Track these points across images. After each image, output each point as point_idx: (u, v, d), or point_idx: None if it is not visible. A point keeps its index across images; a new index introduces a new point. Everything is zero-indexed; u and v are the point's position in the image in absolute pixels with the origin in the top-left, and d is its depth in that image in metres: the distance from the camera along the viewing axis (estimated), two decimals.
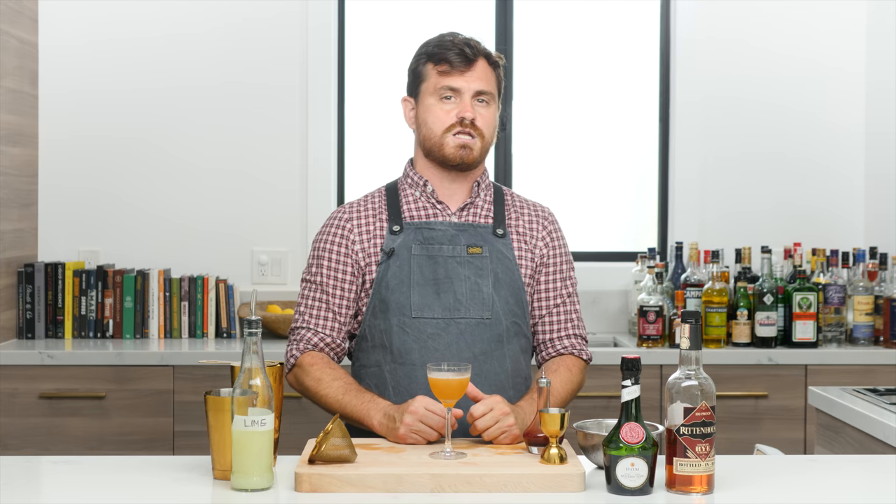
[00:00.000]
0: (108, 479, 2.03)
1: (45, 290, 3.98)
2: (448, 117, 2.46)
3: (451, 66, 2.46)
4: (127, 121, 4.25)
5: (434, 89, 2.47)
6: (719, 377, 3.44)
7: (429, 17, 4.43)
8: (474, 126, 2.45)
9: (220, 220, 4.26)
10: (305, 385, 2.44)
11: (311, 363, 2.45)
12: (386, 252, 2.47)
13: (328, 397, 2.39)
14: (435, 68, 2.47)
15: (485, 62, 2.49)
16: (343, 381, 2.41)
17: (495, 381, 2.43)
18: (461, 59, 2.45)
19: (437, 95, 2.47)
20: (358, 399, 2.35)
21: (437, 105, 2.47)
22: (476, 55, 2.47)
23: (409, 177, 2.55)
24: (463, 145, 2.46)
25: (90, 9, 4.23)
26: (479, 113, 2.46)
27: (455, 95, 2.46)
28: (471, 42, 2.49)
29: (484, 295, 2.45)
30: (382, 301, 2.45)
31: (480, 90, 2.47)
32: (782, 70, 4.37)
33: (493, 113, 2.50)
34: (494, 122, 2.51)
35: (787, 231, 4.32)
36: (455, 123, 2.45)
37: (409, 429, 2.19)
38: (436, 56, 2.48)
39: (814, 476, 2.10)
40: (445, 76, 2.46)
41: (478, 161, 2.50)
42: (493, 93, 2.49)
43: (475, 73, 2.47)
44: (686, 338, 1.92)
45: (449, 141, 2.46)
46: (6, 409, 3.63)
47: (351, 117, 4.41)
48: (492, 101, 2.49)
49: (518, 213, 2.56)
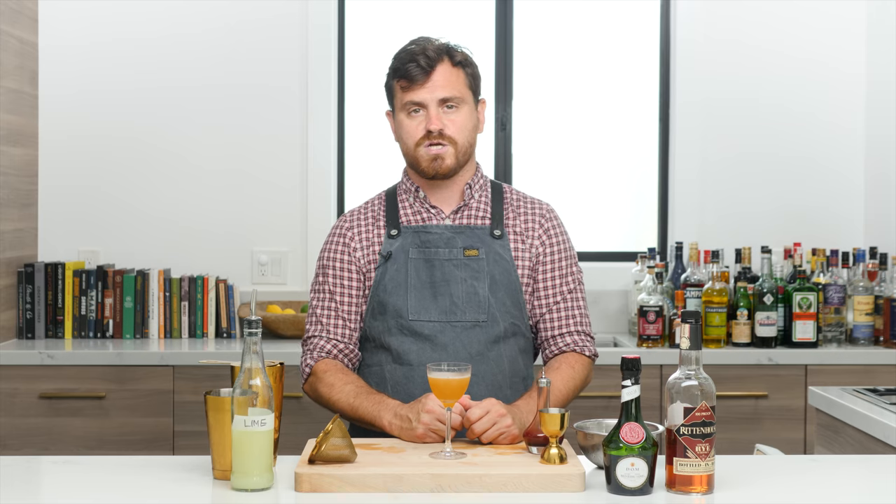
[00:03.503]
0: (108, 479, 2.03)
1: (45, 290, 3.98)
2: (417, 131, 2.46)
3: (410, 80, 2.44)
4: (127, 121, 4.25)
5: (401, 105, 2.48)
6: (719, 377, 3.43)
7: (429, 18, 4.43)
8: (443, 135, 2.44)
9: (220, 220, 4.26)
10: (319, 392, 2.46)
11: (324, 370, 2.46)
12: (383, 255, 2.49)
13: (340, 401, 2.40)
14: (398, 84, 2.47)
15: (447, 65, 2.45)
16: (354, 384, 2.41)
17: (492, 381, 2.44)
18: (419, 70, 2.43)
19: (405, 111, 2.47)
20: (368, 401, 2.36)
21: (406, 120, 2.47)
22: (433, 63, 2.43)
23: (404, 183, 2.58)
24: (434, 157, 2.45)
25: (90, 9, 4.23)
26: (448, 120, 2.45)
27: (421, 107, 2.45)
28: (427, 50, 2.44)
29: (480, 297, 2.45)
30: (380, 304, 2.47)
31: (443, 97, 2.44)
32: (782, 70, 4.36)
33: (464, 116, 2.47)
34: (469, 124, 2.48)
35: (787, 231, 4.32)
36: (424, 136, 2.45)
37: (428, 427, 2.19)
38: (398, 71, 2.47)
39: (814, 476, 2.10)
40: (407, 91, 2.45)
41: (454, 168, 2.48)
42: (460, 96, 2.46)
43: (435, 81, 2.44)
44: (686, 338, 1.92)
45: (422, 154, 2.46)
46: (6, 409, 3.63)
47: (351, 117, 4.41)
48: (461, 104, 2.46)
49: (516, 212, 2.56)
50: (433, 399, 2.20)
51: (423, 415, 2.20)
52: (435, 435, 2.20)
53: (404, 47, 2.50)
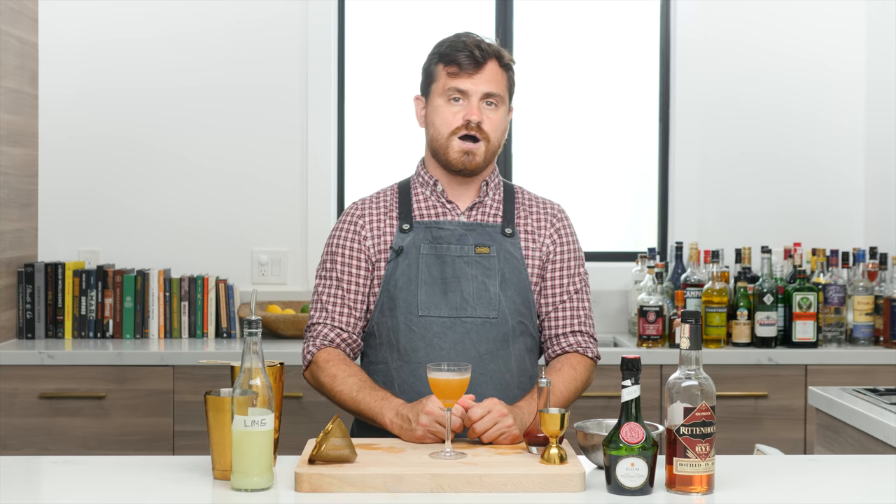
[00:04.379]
0: (108, 479, 2.03)
1: (45, 290, 3.98)
2: (455, 119, 2.46)
3: (461, 67, 2.45)
4: (127, 121, 4.25)
5: (443, 90, 2.47)
6: (719, 377, 3.44)
7: (429, 18, 4.43)
8: (480, 129, 2.45)
9: (220, 220, 4.26)
10: (321, 381, 2.45)
11: (326, 359, 2.45)
12: (395, 250, 2.48)
13: (342, 394, 2.40)
14: (445, 69, 2.47)
15: (495, 64, 2.48)
16: (358, 377, 2.41)
17: (500, 380, 2.44)
18: (470, 60, 2.45)
19: (446, 97, 2.47)
20: (371, 397, 2.35)
21: (444, 106, 2.47)
22: (486, 57, 2.46)
23: (421, 176, 2.56)
24: (467, 151, 2.46)
25: (90, 9, 4.23)
26: (486, 116, 2.46)
27: (463, 97, 2.46)
28: (482, 44, 2.47)
29: (490, 295, 2.45)
30: (390, 299, 2.46)
31: (489, 92, 2.46)
32: (782, 70, 4.37)
33: (501, 116, 2.49)
34: (503, 125, 2.50)
35: (787, 231, 4.32)
36: (461, 126, 2.45)
37: (427, 429, 2.20)
38: (446, 57, 2.47)
39: (814, 476, 2.10)
40: (454, 78, 2.46)
41: (482, 166, 2.49)
42: (502, 95, 2.48)
43: (484, 75, 2.46)
44: (686, 338, 1.92)
45: (454, 145, 2.46)
46: (6, 409, 3.63)
47: (351, 117, 4.40)
48: (501, 104, 2.49)
49: (527, 212, 2.56)
50: (434, 401, 2.20)
51: (421, 416, 2.20)
52: (434, 436, 2.20)
53: (456, 36, 2.50)
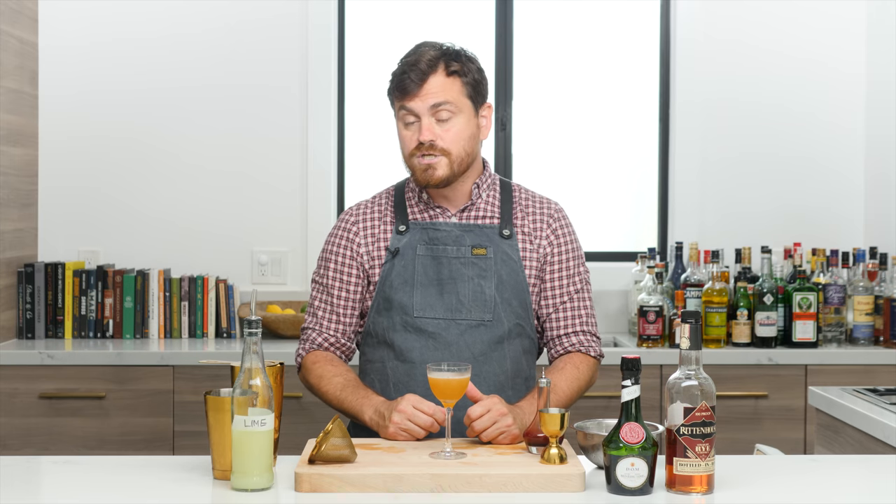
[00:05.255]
0: (108, 479, 2.03)
1: (45, 290, 3.98)
2: (411, 141, 2.45)
3: (405, 90, 2.43)
4: (127, 121, 4.25)
5: (398, 114, 2.48)
6: (719, 377, 3.44)
7: (429, 18, 4.43)
8: (434, 147, 2.42)
9: (220, 221, 4.26)
10: (310, 383, 2.50)
11: (314, 361, 2.51)
12: (391, 251, 2.49)
13: (328, 393, 2.44)
14: (395, 92, 2.47)
15: (440, 76, 2.42)
16: (343, 377, 2.44)
17: (495, 381, 2.44)
18: (412, 80, 2.41)
19: (402, 120, 2.47)
20: (354, 395, 2.38)
21: (402, 130, 2.48)
22: (424, 75, 2.41)
23: (410, 182, 2.58)
24: (426, 167, 2.44)
25: (90, 9, 4.23)
26: (442, 131, 2.42)
27: (414, 117, 2.44)
28: (420, 62, 2.41)
29: (486, 296, 2.45)
30: (386, 299, 2.47)
31: (434, 104, 2.41)
32: (782, 70, 4.37)
33: (459, 126, 2.43)
34: (464, 133, 2.44)
35: (787, 231, 4.32)
36: (416, 147, 2.44)
37: (398, 427, 2.21)
38: (394, 80, 2.47)
39: (814, 476, 2.10)
40: (401, 100, 2.45)
41: (447, 179, 2.45)
42: (454, 102, 2.42)
43: (428, 88, 2.41)
44: (686, 338, 1.92)
45: (415, 164, 2.46)
46: (6, 409, 3.63)
47: (351, 118, 4.40)
48: (456, 111, 2.43)
49: (525, 212, 2.56)
50: (408, 399, 2.22)
51: (394, 414, 2.22)
52: (406, 434, 2.21)
53: (404, 56, 2.49)
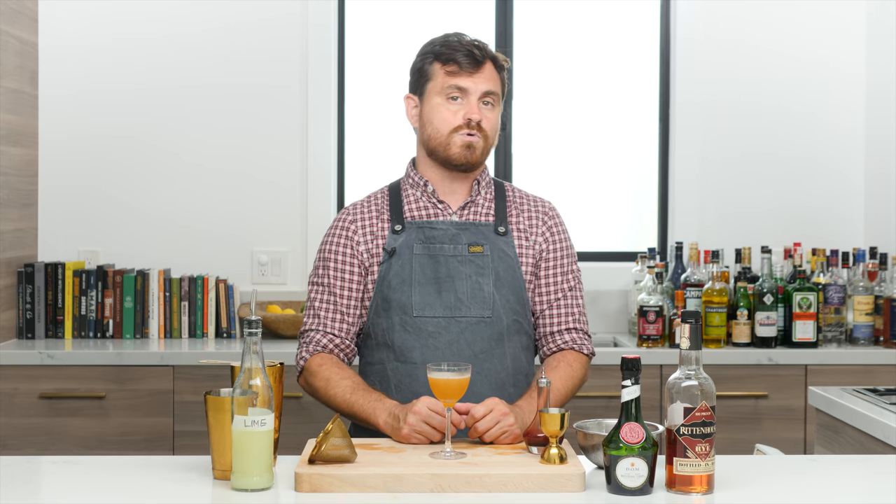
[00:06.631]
0: (108, 479, 2.03)
1: (45, 290, 3.98)
2: (455, 118, 2.47)
3: (460, 66, 2.47)
4: (127, 121, 4.25)
5: (441, 89, 2.48)
6: (719, 377, 3.43)
7: (429, 17, 4.43)
8: (480, 128, 2.47)
9: (220, 220, 4.26)
10: (315, 387, 2.46)
11: (319, 364, 2.46)
12: (388, 251, 2.49)
13: (337, 397, 2.40)
14: (443, 68, 2.48)
15: (492, 65, 2.51)
16: (351, 380, 2.42)
17: (496, 378, 2.44)
18: (470, 60, 2.47)
19: (444, 95, 2.48)
20: (365, 398, 2.36)
21: (443, 105, 2.48)
22: (484, 57, 2.49)
23: (411, 177, 2.57)
24: (468, 145, 2.47)
25: (90, 9, 4.23)
26: (484, 115, 2.48)
27: (462, 96, 2.47)
28: (479, 44, 2.51)
29: (485, 293, 2.46)
30: (385, 300, 2.47)
31: (488, 91, 2.48)
32: (782, 70, 4.37)
33: (497, 115, 2.53)
34: (497, 124, 2.54)
35: (787, 231, 4.32)
36: (462, 125, 2.46)
37: (413, 429, 2.20)
38: (444, 56, 2.48)
39: (814, 476, 2.10)
40: (454, 76, 2.47)
41: (480, 161, 2.52)
42: (498, 94, 2.52)
43: (483, 74, 2.48)
44: (686, 338, 1.92)
45: (455, 140, 2.47)
46: (6, 409, 3.63)
47: (351, 117, 4.41)
48: (497, 103, 2.52)
49: (519, 210, 2.57)
50: (423, 401, 2.21)
51: (409, 416, 2.20)
52: (421, 436, 2.20)
53: (448, 36, 2.52)
